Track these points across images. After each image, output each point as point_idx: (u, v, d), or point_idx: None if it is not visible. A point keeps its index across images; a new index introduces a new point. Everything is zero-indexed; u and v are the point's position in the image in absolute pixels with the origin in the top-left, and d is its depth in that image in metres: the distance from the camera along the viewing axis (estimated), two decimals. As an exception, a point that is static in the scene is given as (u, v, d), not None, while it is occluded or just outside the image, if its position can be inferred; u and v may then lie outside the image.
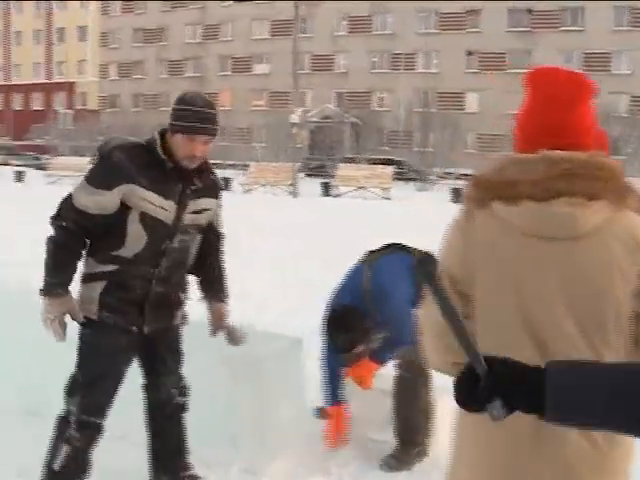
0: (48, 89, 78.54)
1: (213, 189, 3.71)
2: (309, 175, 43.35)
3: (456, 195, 29.71)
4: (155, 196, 3.35)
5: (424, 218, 19.65)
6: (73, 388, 3.49)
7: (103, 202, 3.30)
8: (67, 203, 3.35)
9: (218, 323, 3.88)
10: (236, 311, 7.72)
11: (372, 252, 4.55)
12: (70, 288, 3.41)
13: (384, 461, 4.46)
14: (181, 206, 3.45)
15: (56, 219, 3.35)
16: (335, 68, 62.90)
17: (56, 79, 78.91)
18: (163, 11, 70.74)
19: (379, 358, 4.31)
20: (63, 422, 3.50)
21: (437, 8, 57.71)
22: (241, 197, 30.08)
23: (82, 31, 77.26)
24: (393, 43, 60.04)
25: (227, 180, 34.86)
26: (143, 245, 3.39)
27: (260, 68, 66.06)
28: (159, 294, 3.51)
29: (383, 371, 4.42)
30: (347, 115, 56.76)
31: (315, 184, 33.55)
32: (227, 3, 64.93)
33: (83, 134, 60.96)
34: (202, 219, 3.63)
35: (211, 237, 3.84)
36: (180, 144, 3.35)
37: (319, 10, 60.90)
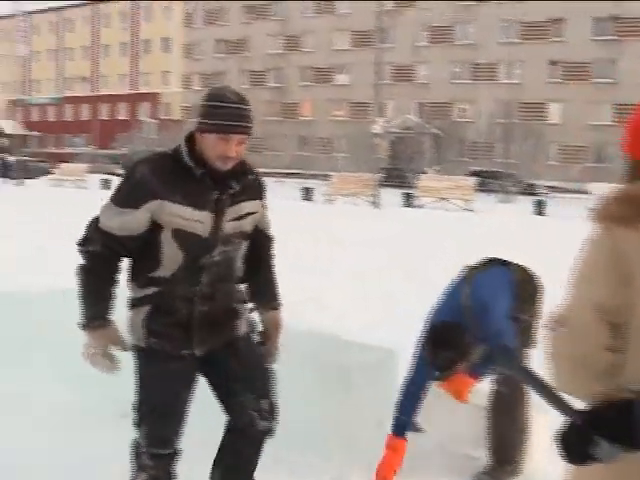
0: (133, 99, 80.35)
1: (256, 190, 3.30)
2: (390, 186, 43.21)
3: (539, 207, 29.27)
4: (187, 209, 2.99)
5: (507, 231, 19.41)
6: (137, 419, 3.22)
7: (130, 222, 2.98)
8: (92, 226, 3.06)
9: (274, 333, 3.48)
10: (315, 322, 7.83)
11: (471, 268, 4.48)
12: (112, 316, 3.16)
13: (477, 478, 4.37)
14: (218, 215, 3.07)
15: (83, 244, 3.06)
16: (416, 78, 62.60)
17: (141, 90, 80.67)
18: (245, 22, 71.65)
19: (477, 372, 4.24)
20: (136, 450, 3.25)
21: (520, 17, 56.86)
22: (322, 207, 30.19)
23: (166, 43, 78.84)
24: (475, 53, 59.45)
25: (309, 190, 35.09)
26: (180, 263, 3.05)
27: (341, 79, 66.21)
28: (204, 313, 3.14)
29: (479, 386, 4.34)
30: (428, 126, 56.43)
31: (396, 195, 33.43)
32: (308, 14, 65.46)
33: (166, 143, 61.81)
34: (246, 225, 3.23)
35: (260, 241, 3.42)
36: (212, 145, 2.99)
37: (400, 20, 60.77)
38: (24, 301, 6.13)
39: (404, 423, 4.25)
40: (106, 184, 40.48)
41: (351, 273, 11.80)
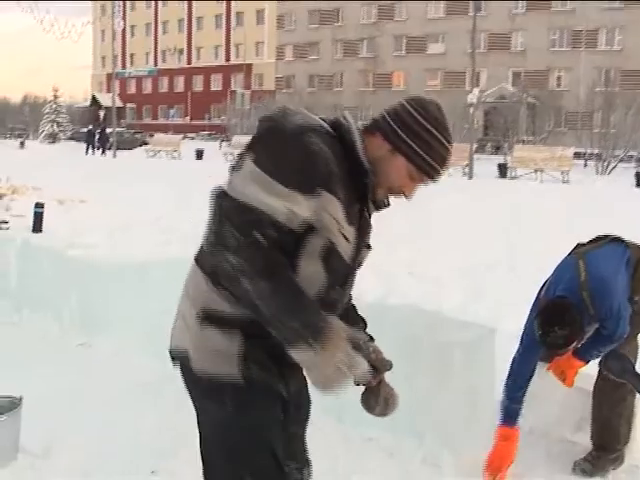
0: (227, 71, 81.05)
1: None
2: (484, 157, 42.43)
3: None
4: (345, 219, 2.18)
5: (607, 204, 18.69)
6: None
7: (295, 212, 2.06)
8: (241, 208, 2.03)
9: (382, 364, 2.33)
10: (416, 294, 7.61)
11: (581, 245, 4.18)
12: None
13: (578, 465, 4.14)
14: (361, 236, 2.33)
15: (244, 235, 1.99)
16: (512, 47, 61.16)
17: (234, 61, 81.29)
18: (338, -8, 71.27)
19: (585, 355, 3.95)
20: None
21: (622, -19, 54.81)
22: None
23: (259, 14, 79.15)
24: (574, 19, 57.53)
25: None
26: (315, 291, 2.18)
27: (435, 48, 65.19)
28: None
29: (585, 369, 4.06)
30: (524, 95, 55.05)
31: (491, 165, 32.79)
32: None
33: (259, 113, 62.31)
34: (365, 257, 2.46)
35: None
36: (400, 174, 2.27)
37: (496, -13, 59.35)
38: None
39: (514, 411, 4.01)
40: (199, 155, 41.06)
41: (446, 245, 11.51)
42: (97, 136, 45.90)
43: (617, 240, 4.12)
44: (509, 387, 4.05)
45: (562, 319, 3.71)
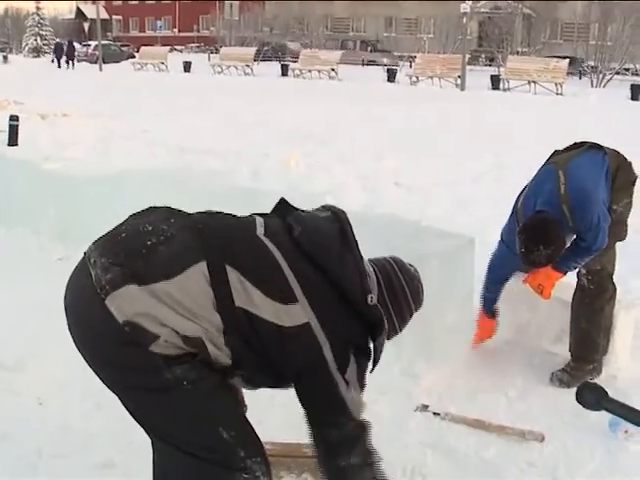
0: (216, -20, 79.00)
1: None
2: (477, 68, 41.84)
3: (635, 92, 27.77)
4: None
5: (601, 117, 18.49)
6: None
7: None
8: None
9: None
10: (403, 203, 7.54)
11: (559, 152, 4.06)
12: None
13: (555, 375, 4.13)
14: None
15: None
16: (509, -46, 59.60)
17: (224, -30, 79.15)
18: None
19: (563, 267, 3.88)
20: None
21: None
22: (406, 89, 29.45)
23: None
24: None
25: (392, 71, 34.26)
26: None
27: (429, -44, 63.49)
28: None
29: (564, 279, 4.00)
30: (519, 6, 53.91)
31: (483, 77, 32.32)
32: None
33: (249, 24, 61.28)
34: None
35: None
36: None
37: None
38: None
39: (491, 300, 4.31)
40: (187, 67, 40.38)
41: (435, 155, 11.39)
42: (65, 49, 45.00)
43: (596, 147, 4.00)
44: (486, 285, 4.29)
45: (547, 238, 3.64)
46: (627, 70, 40.38)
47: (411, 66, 36.46)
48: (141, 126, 13.80)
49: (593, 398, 1.59)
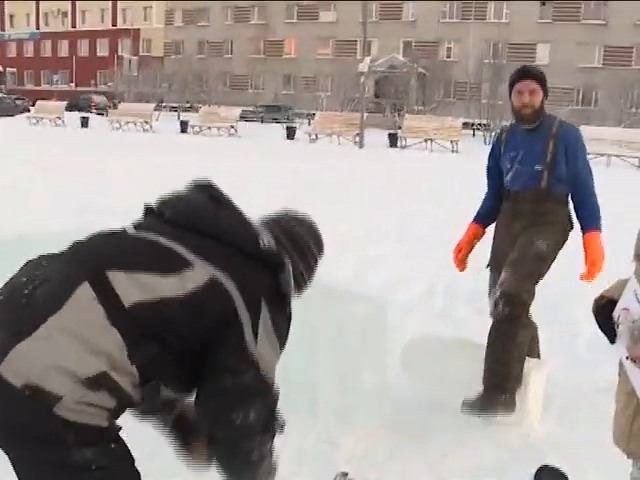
0: (113, 35, 78.66)
1: None
2: (375, 125, 42.69)
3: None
4: None
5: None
6: None
7: None
8: None
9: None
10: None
11: None
12: None
13: (467, 402, 4.20)
14: None
15: None
16: (403, 17, 61.50)
17: (121, 26, 78.93)
18: (228, -43, 69.99)
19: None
20: None
21: (510, -46, 55.78)
22: (306, 146, 29.73)
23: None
24: (463, -9, 58.33)
25: (291, 129, 34.58)
26: None
27: (327, 16, 64.90)
28: None
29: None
30: (414, 65, 55.59)
31: (381, 135, 32.96)
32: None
33: (147, 80, 61.08)
34: None
35: None
36: None
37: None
38: None
39: (482, 206, 4.84)
40: (85, 123, 39.79)
41: (337, 214, 11.42)
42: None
43: None
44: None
45: None
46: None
47: (309, 124, 36.90)
48: (38, 184, 13.42)
49: None
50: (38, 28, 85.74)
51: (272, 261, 2.15)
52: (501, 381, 4.18)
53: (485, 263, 4.73)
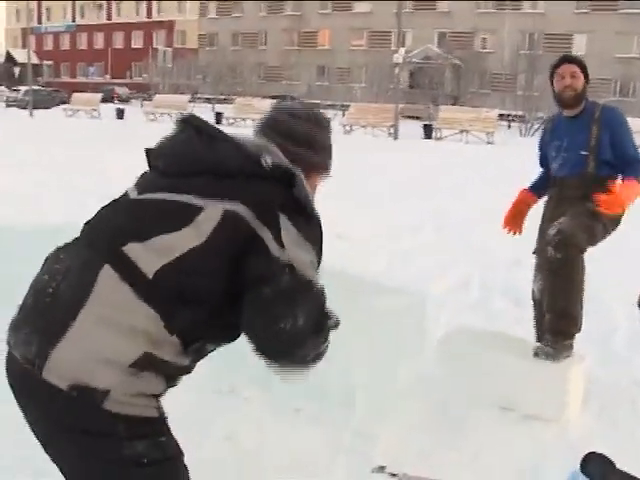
0: (148, 27, 79.11)
1: None
2: (410, 117, 42.49)
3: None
4: None
5: (532, 164, 18.87)
6: None
7: None
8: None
9: None
10: (343, 257, 7.47)
11: None
12: None
13: (540, 349, 4.31)
14: None
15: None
16: (438, 7, 61.03)
17: (156, 18, 79.33)
18: (263, -51, 69.98)
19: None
20: None
21: (547, -55, 55.16)
22: (340, 138, 29.68)
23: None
24: (499, -19, 57.80)
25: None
26: None
27: (361, 6, 64.61)
28: None
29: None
30: (449, 56, 55.25)
31: (416, 126, 32.83)
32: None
33: (182, 72, 61.39)
34: None
35: None
36: (313, 188, 2.43)
37: (423, -53, 59.06)
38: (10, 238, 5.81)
39: (537, 179, 4.93)
40: (120, 114, 40.10)
41: (373, 206, 11.42)
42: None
43: None
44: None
45: None
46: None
47: (344, 115, 36.83)
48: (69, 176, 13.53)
49: (599, 470, 1.53)
50: (74, 20, 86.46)
51: (281, 176, 2.03)
52: (567, 326, 4.29)
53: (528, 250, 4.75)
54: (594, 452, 1.51)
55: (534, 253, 4.73)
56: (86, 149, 19.63)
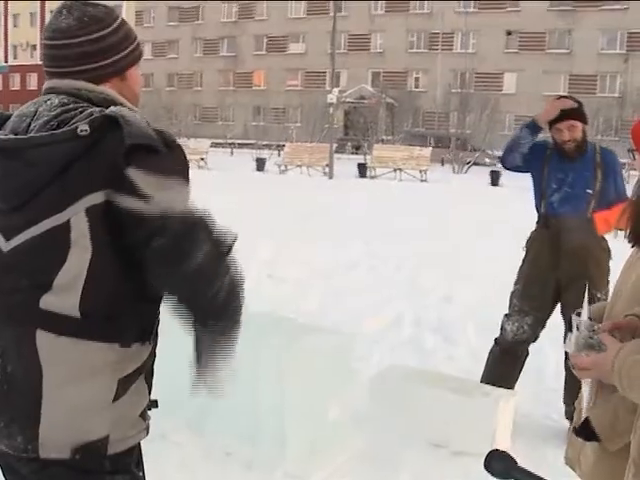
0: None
1: None
2: (344, 156, 42.88)
3: (495, 177, 29.07)
4: None
5: (463, 201, 19.21)
6: None
7: None
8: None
9: None
10: (276, 298, 7.46)
11: None
12: None
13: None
14: None
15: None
16: (372, 48, 62.13)
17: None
18: (198, -11, 70.46)
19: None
20: None
21: (477, -14, 56.75)
22: (276, 178, 29.76)
23: (117, 9, 76.91)
24: (431, 22, 59.09)
25: (262, 160, 34.62)
26: None
27: (296, 47, 65.43)
28: None
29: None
30: (383, 95, 56.09)
31: (351, 165, 33.10)
32: (263, -19, 64.54)
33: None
34: None
35: None
36: (137, 81, 2.18)
37: (356, -12, 60.16)
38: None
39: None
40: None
41: (307, 245, 11.41)
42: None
43: None
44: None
45: None
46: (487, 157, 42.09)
47: (279, 155, 36.99)
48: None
49: (501, 466, 1.61)
50: (7, 61, 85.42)
51: (104, 130, 1.81)
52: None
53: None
54: (497, 450, 1.60)
55: (515, 287, 4.79)
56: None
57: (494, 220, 14.23)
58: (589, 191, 4.49)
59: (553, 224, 4.59)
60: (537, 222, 4.74)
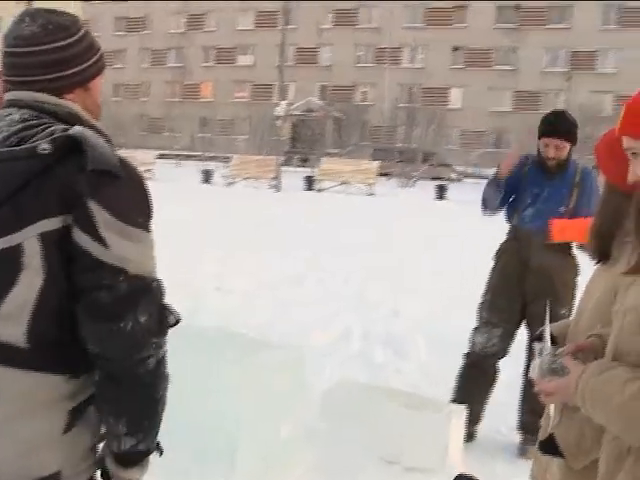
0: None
1: None
2: (291, 169, 42.90)
3: (441, 192, 29.37)
4: None
5: (410, 214, 19.37)
6: None
7: None
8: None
9: None
10: (224, 311, 7.40)
11: None
12: None
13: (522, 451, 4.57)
14: None
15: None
16: (320, 61, 62.40)
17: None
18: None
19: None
20: None
21: (424, 2, 57.44)
22: (222, 190, 29.61)
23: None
24: (379, 37, 59.65)
25: (208, 172, 34.44)
26: None
27: (244, 59, 65.37)
28: None
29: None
30: (331, 109, 56.37)
31: (298, 178, 33.13)
32: (212, -7, 64.37)
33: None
34: None
35: None
36: (98, 91, 2.23)
37: (305, 2, 60.28)
38: None
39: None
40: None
41: (254, 258, 11.37)
42: None
43: None
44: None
45: None
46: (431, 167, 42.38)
47: (226, 167, 36.83)
48: None
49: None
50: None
51: (67, 150, 1.73)
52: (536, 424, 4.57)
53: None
54: (463, 474, 1.61)
55: (482, 301, 4.81)
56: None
57: (440, 234, 14.41)
58: (562, 209, 4.51)
59: (523, 237, 4.61)
60: (507, 234, 4.78)
